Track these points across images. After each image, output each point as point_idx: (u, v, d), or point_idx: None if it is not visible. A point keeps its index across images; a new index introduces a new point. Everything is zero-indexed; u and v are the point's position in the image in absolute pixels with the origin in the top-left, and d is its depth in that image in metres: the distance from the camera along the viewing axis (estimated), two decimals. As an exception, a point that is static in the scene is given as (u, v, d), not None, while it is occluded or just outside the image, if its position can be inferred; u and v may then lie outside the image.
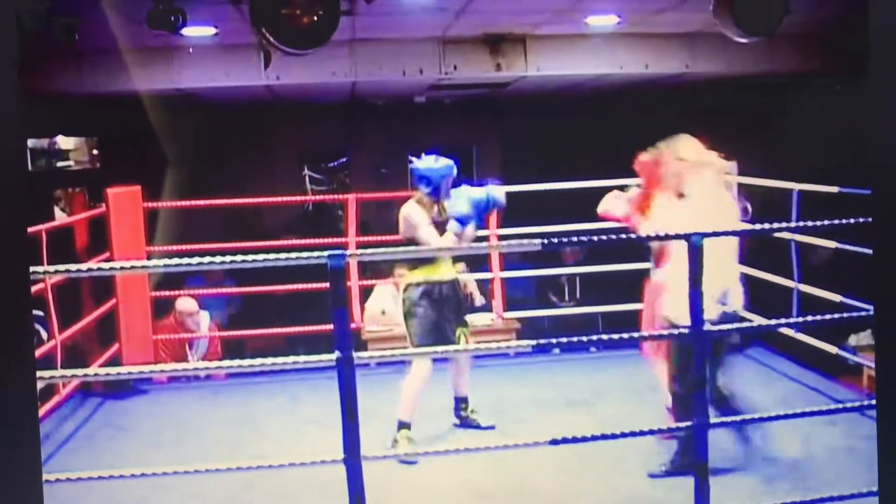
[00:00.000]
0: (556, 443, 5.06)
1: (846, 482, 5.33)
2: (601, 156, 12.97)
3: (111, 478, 4.76)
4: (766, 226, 5.73)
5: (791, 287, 7.77)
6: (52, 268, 4.91)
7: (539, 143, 13.26)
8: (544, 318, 10.02)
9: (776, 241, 7.75)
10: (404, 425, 6.50)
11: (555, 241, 5.12)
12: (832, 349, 7.60)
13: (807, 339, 7.77)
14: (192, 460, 6.04)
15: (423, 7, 7.95)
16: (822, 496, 5.05)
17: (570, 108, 13.11)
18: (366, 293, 9.31)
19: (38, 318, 7.17)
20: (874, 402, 3.43)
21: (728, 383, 5.60)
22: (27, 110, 2.72)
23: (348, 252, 5.38)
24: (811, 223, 5.30)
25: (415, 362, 6.56)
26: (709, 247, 4.97)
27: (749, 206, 6.41)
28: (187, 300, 8.99)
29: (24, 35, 5.69)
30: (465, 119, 14.23)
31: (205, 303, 9.37)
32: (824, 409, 5.90)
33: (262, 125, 13.89)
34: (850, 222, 4.98)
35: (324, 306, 4.93)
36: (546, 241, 4.96)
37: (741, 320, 5.87)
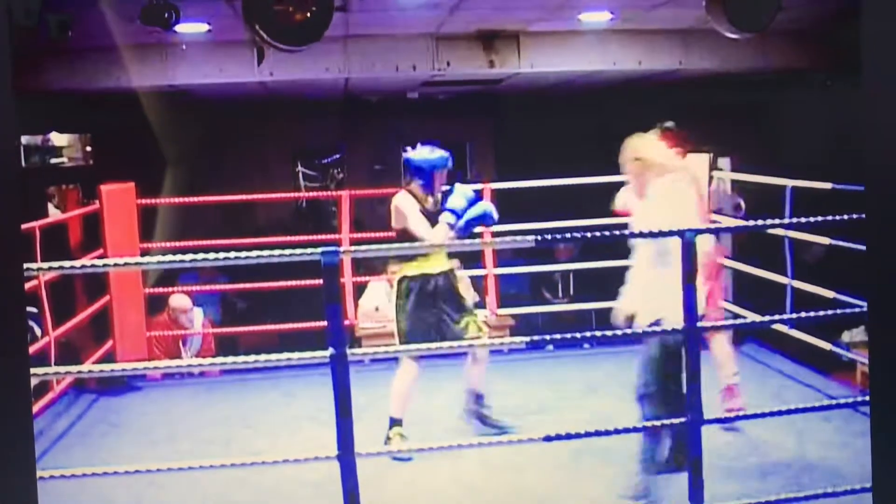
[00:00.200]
0: (549, 439, 5.06)
1: (840, 478, 5.34)
2: (594, 152, 13.00)
3: (105, 474, 4.77)
4: (760, 222, 5.75)
5: (784, 283, 7.77)
6: (46, 264, 4.92)
7: (532, 139, 13.25)
8: (538, 315, 10.03)
9: (770, 238, 7.75)
10: (396, 422, 6.49)
11: (548, 237, 5.12)
12: (826, 345, 7.61)
13: (800, 335, 7.78)
14: (185, 457, 6.03)
15: (417, 3, 7.95)
16: (816, 492, 5.05)
17: (563, 104, 13.11)
18: (359, 290, 9.31)
19: (31, 314, 7.16)
20: (868, 398, 3.43)
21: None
22: (20, 107, 2.72)
23: (342, 249, 5.38)
24: (805, 219, 5.31)
25: (403, 359, 6.55)
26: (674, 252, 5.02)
27: (742, 203, 6.44)
28: (181, 297, 8.99)
29: (17, 31, 5.69)
30: (459, 115, 14.22)
31: (198, 299, 9.37)
32: (818, 405, 5.90)
33: (255, 122, 13.88)
34: (843, 219, 4.98)
35: (318, 303, 4.93)
36: (539, 237, 4.96)
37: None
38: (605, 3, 8.55)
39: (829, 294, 7.25)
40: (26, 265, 4.38)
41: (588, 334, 8.18)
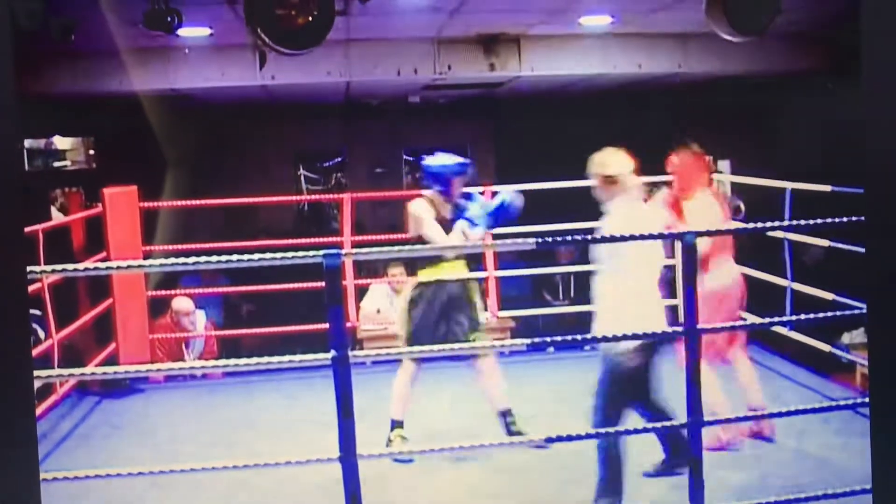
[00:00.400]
0: (550, 441, 5.08)
1: (840, 480, 5.35)
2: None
3: (108, 476, 4.78)
4: (760, 224, 5.76)
5: (784, 285, 7.79)
6: (49, 267, 4.92)
7: (533, 142, 13.26)
8: (539, 317, 10.04)
9: (769, 240, 7.77)
10: (397, 424, 6.50)
11: (549, 239, 5.14)
12: (825, 347, 7.63)
13: (800, 337, 7.79)
14: (188, 459, 6.06)
15: (418, 7, 7.97)
16: (815, 493, 5.06)
17: (563, 107, 13.12)
18: (361, 292, 9.33)
19: (35, 317, 7.17)
20: (867, 399, 3.44)
21: (662, 398, 5.51)
22: (24, 110, 2.73)
23: (343, 251, 5.38)
24: (804, 222, 5.31)
25: (403, 361, 6.55)
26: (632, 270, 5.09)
27: (742, 205, 6.46)
28: (183, 300, 9.00)
29: (20, 35, 5.70)
30: (460, 119, 14.24)
31: (200, 302, 9.38)
32: (818, 406, 5.91)
33: (257, 125, 13.89)
34: (842, 221, 5.00)
35: (319, 305, 4.94)
36: (540, 239, 4.97)
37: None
38: (605, 6, 8.57)
39: (829, 296, 7.27)
40: (29, 268, 4.39)
41: (589, 336, 8.21)
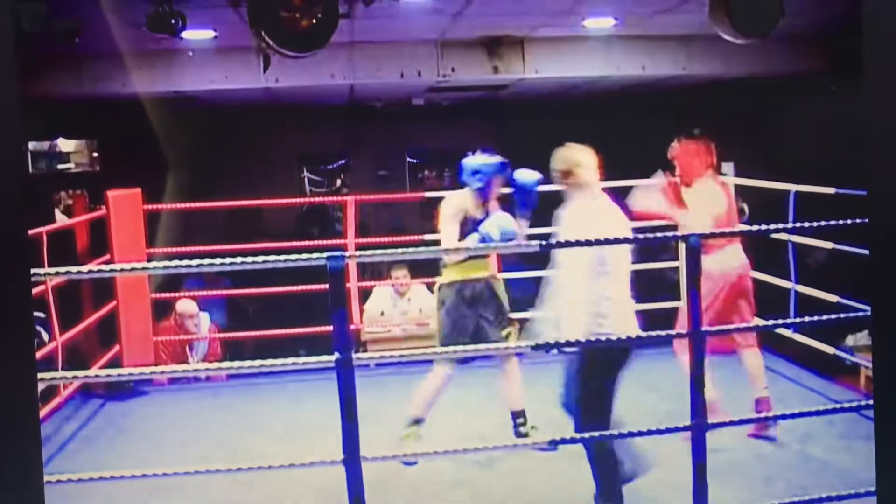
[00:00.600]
0: (554, 443, 5.07)
1: (844, 482, 5.34)
2: (599, 157, 13.01)
3: (112, 479, 4.77)
4: (763, 227, 5.75)
5: (788, 288, 7.78)
6: (53, 270, 4.93)
7: (537, 144, 13.21)
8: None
9: (773, 242, 7.76)
10: (415, 421, 6.48)
11: (553, 242, 5.13)
12: (829, 349, 7.62)
13: (804, 339, 7.78)
14: (192, 461, 6.06)
15: (421, 10, 7.97)
16: (819, 496, 5.05)
17: (567, 109, 13.11)
18: (365, 294, 9.32)
19: (38, 319, 7.18)
20: (871, 402, 3.44)
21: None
22: (27, 113, 2.74)
23: (347, 253, 5.38)
24: (808, 224, 5.30)
25: (436, 362, 6.51)
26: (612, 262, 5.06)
27: (746, 208, 6.45)
28: (187, 302, 9.00)
29: (24, 37, 5.71)
30: (463, 121, 14.25)
31: (204, 304, 9.38)
32: (822, 409, 5.90)
33: (261, 128, 13.91)
34: (846, 223, 4.99)
35: (323, 308, 4.94)
36: (544, 242, 4.97)
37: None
38: (609, 8, 8.57)
39: (833, 298, 7.25)
40: (33, 270, 4.40)
41: (592, 338, 8.20)
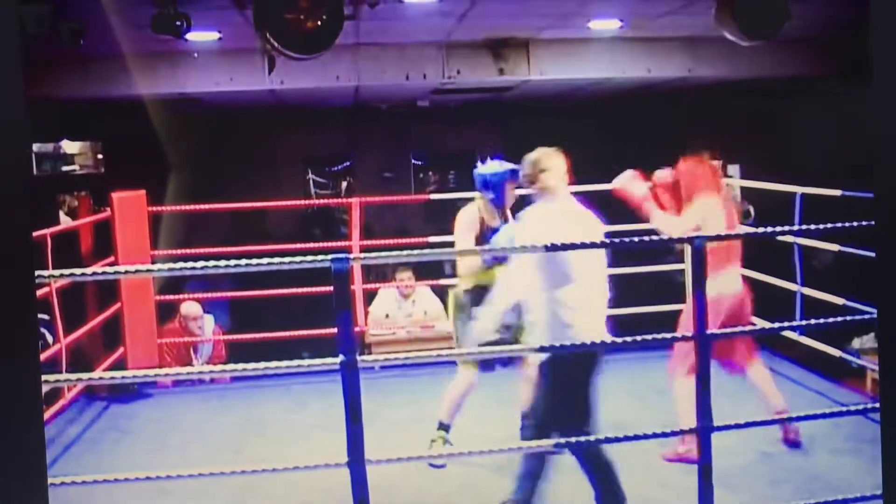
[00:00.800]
0: (559, 447, 5.06)
1: (850, 486, 5.33)
2: (604, 160, 13.00)
3: (116, 481, 4.77)
4: (770, 229, 5.74)
5: (794, 290, 7.77)
6: (58, 272, 4.93)
7: (541, 146, 13.24)
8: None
9: (779, 245, 7.75)
10: (442, 426, 6.47)
11: (558, 244, 5.12)
12: (835, 352, 7.60)
13: (810, 342, 7.77)
14: (196, 464, 6.05)
15: (427, 12, 7.97)
16: (826, 499, 5.04)
17: (572, 111, 13.12)
18: (369, 297, 9.32)
19: (43, 321, 7.18)
20: (878, 405, 3.43)
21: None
22: (32, 114, 2.73)
23: (352, 256, 5.37)
24: (814, 226, 5.29)
25: (460, 366, 6.49)
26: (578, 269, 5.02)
27: (752, 210, 6.44)
28: (191, 304, 9.00)
29: (29, 39, 5.71)
30: (468, 123, 14.26)
31: (208, 306, 9.37)
32: (828, 412, 5.89)
33: (266, 130, 13.93)
34: (852, 225, 4.98)
35: (328, 310, 4.93)
36: (549, 244, 4.96)
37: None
38: (614, 10, 8.56)
39: (839, 301, 7.24)
40: (38, 272, 4.40)
41: (598, 341, 8.17)
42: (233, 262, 4.50)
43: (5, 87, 2.61)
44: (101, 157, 13.57)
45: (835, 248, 7.44)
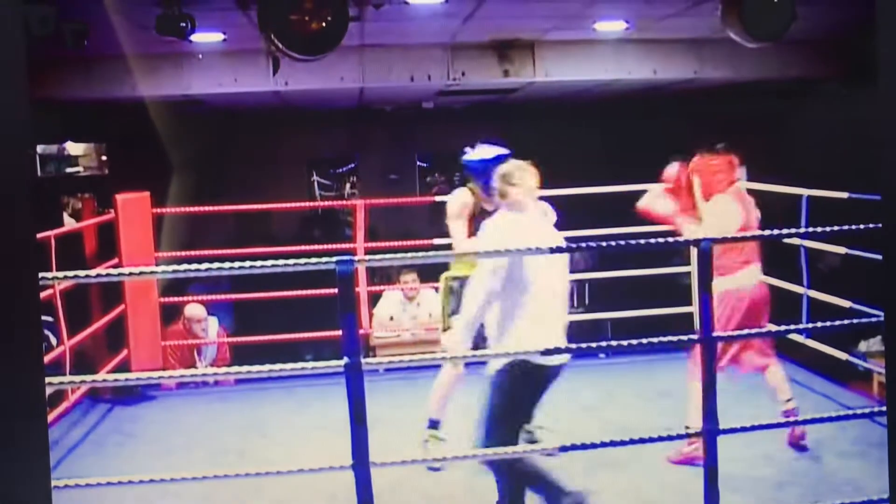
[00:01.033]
0: (565, 449, 5.04)
1: (857, 489, 5.31)
2: (609, 161, 13.00)
3: (119, 484, 4.77)
4: (776, 231, 5.71)
5: (800, 293, 7.75)
6: (61, 274, 4.93)
7: (547, 148, 13.21)
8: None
9: (785, 247, 7.73)
10: (432, 424, 6.44)
11: (563, 246, 5.11)
12: (842, 355, 7.58)
13: (816, 345, 7.75)
14: (200, 466, 6.02)
15: (432, 13, 7.96)
16: (832, 503, 5.02)
17: (577, 113, 13.11)
18: (374, 299, 9.30)
19: (46, 323, 7.17)
20: (884, 408, 3.41)
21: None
22: (36, 116, 2.72)
23: (357, 258, 5.36)
24: (820, 229, 5.28)
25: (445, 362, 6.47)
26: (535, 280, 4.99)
27: (758, 212, 6.41)
28: (195, 306, 8.99)
29: (33, 40, 5.71)
30: (474, 125, 14.21)
31: (212, 309, 9.36)
32: (834, 415, 5.87)
33: (270, 131, 13.92)
34: (859, 228, 4.96)
35: (331, 312, 4.92)
36: (554, 246, 4.95)
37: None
38: (620, 12, 8.55)
39: (846, 303, 7.22)
40: (41, 274, 4.39)
41: (604, 344, 8.16)
42: (237, 264, 4.49)
43: (9, 88, 2.60)
44: (104, 158, 13.58)
45: (841, 250, 7.41)
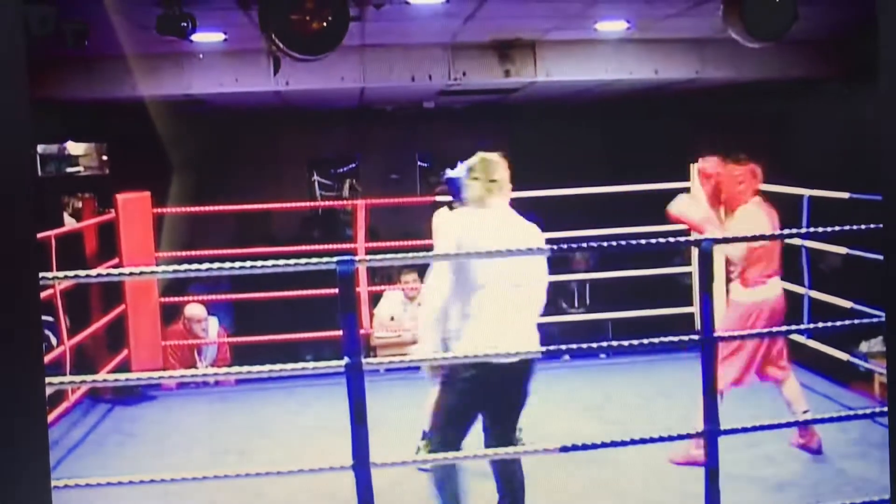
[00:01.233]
0: (565, 449, 5.04)
1: (858, 490, 5.31)
2: (610, 161, 13.00)
3: (120, 484, 4.76)
4: (777, 232, 5.71)
5: (801, 293, 7.74)
6: (62, 273, 4.92)
7: (548, 148, 13.24)
8: (554, 324, 9.99)
9: (786, 247, 7.72)
10: (426, 436, 6.44)
11: (564, 246, 5.10)
12: (843, 356, 7.57)
13: (817, 345, 7.74)
14: (200, 467, 6.01)
15: (433, 13, 7.95)
16: (833, 503, 5.02)
17: (578, 113, 13.09)
18: (375, 299, 9.30)
19: (47, 323, 7.16)
20: (886, 408, 3.40)
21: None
22: (37, 115, 2.72)
23: (357, 258, 5.35)
24: (822, 229, 5.27)
25: (427, 374, 6.46)
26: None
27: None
28: (196, 306, 8.98)
29: (33, 40, 5.70)
30: (475, 125, 14.23)
31: (212, 309, 9.36)
32: (835, 415, 5.86)
33: (271, 131, 13.91)
34: (860, 228, 4.95)
35: (331, 312, 4.91)
36: (555, 246, 4.94)
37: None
38: (621, 12, 8.54)
39: (847, 304, 7.22)
40: (42, 274, 4.38)
41: (604, 344, 8.16)
42: (237, 264, 4.49)
43: (9, 88, 2.60)
44: (105, 158, 13.56)
45: (843, 250, 7.41)
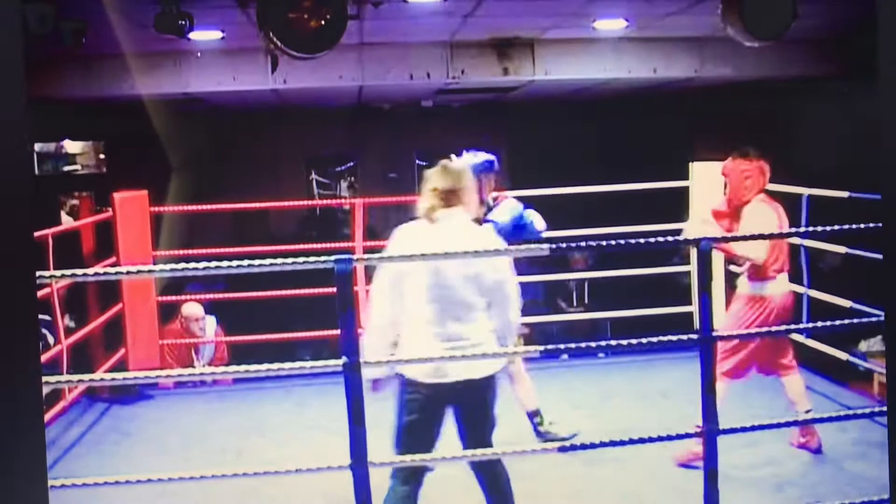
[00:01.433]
0: (564, 450, 5.03)
1: (857, 489, 5.30)
2: (608, 160, 13.00)
3: (117, 483, 4.75)
4: (777, 231, 5.70)
5: (801, 292, 7.74)
6: (59, 272, 4.90)
7: (546, 147, 13.24)
8: (553, 324, 9.99)
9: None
10: (531, 414, 6.42)
11: (563, 246, 5.09)
12: (842, 355, 7.56)
13: (817, 344, 7.74)
14: (198, 466, 6.02)
15: (431, 11, 7.95)
16: (833, 503, 5.01)
17: (577, 112, 13.09)
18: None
19: (44, 322, 7.15)
20: (885, 408, 3.39)
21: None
22: (34, 114, 2.71)
23: (355, 257, 5.34)
24: (821, 228, 5.26)
25: None
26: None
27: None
28: (193, 305, 8.98)
29: (31, 38, 5.69)
30: (473, 123, 14.23)
31: (210, 308, 9.35)
32: (834, 415, 5.86)
33: (268, 129, 13.90)
34: (860, 227, 4.95)
35: (328, 311, 4.90)
36: (554, 246, 4.93)
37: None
38: (620, 10, 8.53)
39: (846, 303, 7.21)
40: (39, 273, 4.37)
41: (603, 343, 8.15)
42: (234, 263, 4.47)
43: (7, 86, 2.59)
44: (102, 157, 13.56)
45: (842, 250, 7.40)
